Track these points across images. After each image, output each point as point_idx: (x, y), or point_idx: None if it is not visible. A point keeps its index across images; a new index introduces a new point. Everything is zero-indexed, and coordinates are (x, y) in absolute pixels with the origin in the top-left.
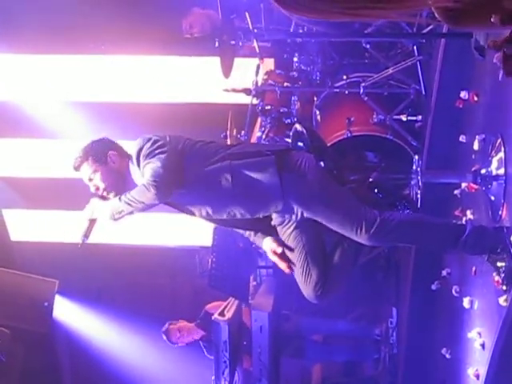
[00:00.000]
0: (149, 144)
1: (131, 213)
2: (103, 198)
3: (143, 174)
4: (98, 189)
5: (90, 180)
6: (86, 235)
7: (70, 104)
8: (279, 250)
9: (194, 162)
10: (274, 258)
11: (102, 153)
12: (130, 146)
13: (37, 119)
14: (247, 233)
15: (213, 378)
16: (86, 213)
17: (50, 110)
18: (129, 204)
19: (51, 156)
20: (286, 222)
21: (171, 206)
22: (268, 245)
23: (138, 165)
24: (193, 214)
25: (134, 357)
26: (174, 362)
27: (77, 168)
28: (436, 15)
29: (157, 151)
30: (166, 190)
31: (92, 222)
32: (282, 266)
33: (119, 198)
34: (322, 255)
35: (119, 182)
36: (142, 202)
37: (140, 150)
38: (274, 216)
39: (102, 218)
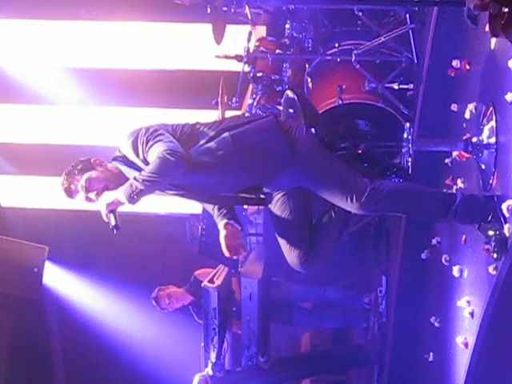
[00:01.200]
0: (143, 131)
1: (150, 190)
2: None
3: (148, 156)
4: (98, 194)
5: (87, 189)
6: (115, 224)
7: (61, 70)
8: (221, 240)
9: (189, 143)
10: (222, 243)
11: (85, 164)
12: (120, 114)
13: (28, 85)
14: (212, 210)
15: (202, 344)
16: (102, 207)
17: (41, 76)
18: (148, 181)
19: (42, 122)
20: (276, 189)
21: (178, 194)
22: (220, 228)
23: (137, 155)
24: (198, 196)
25: (124, 323)
26: (163, 327)
27: (67, 188)
28: None
29: (155, 134)
30: (183, 156)
31: (113, 211)
32: (226, 252)
33: (135, 179)
34: (308, 223)
35: (115, 180)
36: (162, 174)
37: (135, 140)
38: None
39: (120, 203)
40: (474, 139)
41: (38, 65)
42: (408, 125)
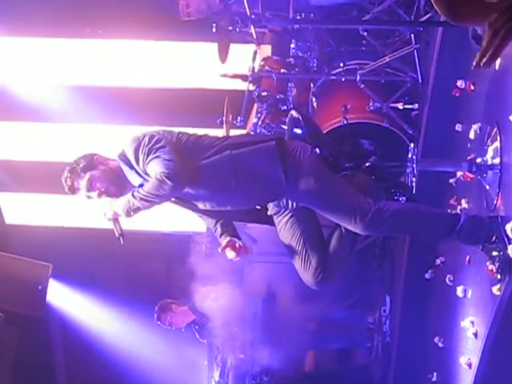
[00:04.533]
0: (146, 141)
1: (146, 208)
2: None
3: (147, 169)
4: (100, 194)
5: (89, 189)
6: (120, 233)
7: (64, 88)
8: (219, 249)
9: (191, 155)
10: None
11: (87, 161)
12: (125, 132)
13: (32, 103)
14: (214, 228)
15: (205, 363)
16: (104, 216)
17: (44, 94)
18: (145, 200)
19: (46, 139)
20: (282, 211)
21: (175, 203)
22: (224, 241)
23: (138, 163)
24: (196, 208)
25: (128, 341)
26: (167, 346)
27: (71, 186)
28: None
29: (157, 146)
30: (180, 179)
31: (115, 220)
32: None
33: (133, 195)
34: (320, 241)
35: (117, 181)
36: (159, 195)
37: (137, 148)
38: (269, 206)
39: (117, 215)
40: (479, 159)
41: (43, 83)
42: (412, 145)
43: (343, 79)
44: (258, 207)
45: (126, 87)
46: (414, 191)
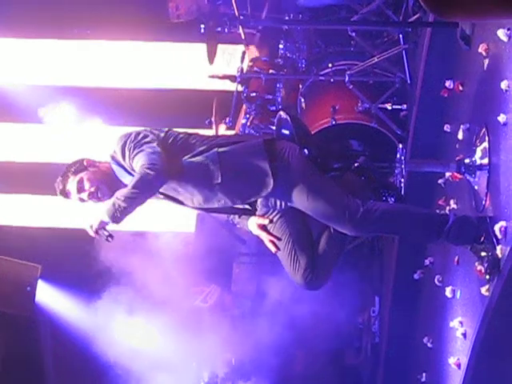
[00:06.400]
0: (132, 137)
1: (133, 207)
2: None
3: (133, 164)
4: (90, 195)
5: (79, 190)
6: (109, 235)
7: (53, 89)
8: (265, 221)
9: (179, 152)
10: (260, 234)
11: (77, 164)
12: (114, 133)
13: (18, 103)
14: (231, 216)
15: (194, 364)
16: (88, 230)
17: (32, 95)
18: (130, 198)
19: (33, 140)
20: (271, 211)
21: (162, 198)
22: (253, 222)
23: (124, 159)
24: (184, 204)
25: (117, 341)
26: (157, 345)
27: (62, 190)
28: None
29: (142, 141)
30: (163, 171)
31: (101, 230)
32: (269, 244)
33: (116, 198)
34: (309, 242)
35: (107, 181)
36: (142, 189)
37: (124, 144)
38: (258, 207)
39: (104, 223)
40: (467, 160)
41: (30, 83)
42: (401, 145)
43: (332, 80)
44: (248, 207)
45: (115, 88)
46: (402, 192)
